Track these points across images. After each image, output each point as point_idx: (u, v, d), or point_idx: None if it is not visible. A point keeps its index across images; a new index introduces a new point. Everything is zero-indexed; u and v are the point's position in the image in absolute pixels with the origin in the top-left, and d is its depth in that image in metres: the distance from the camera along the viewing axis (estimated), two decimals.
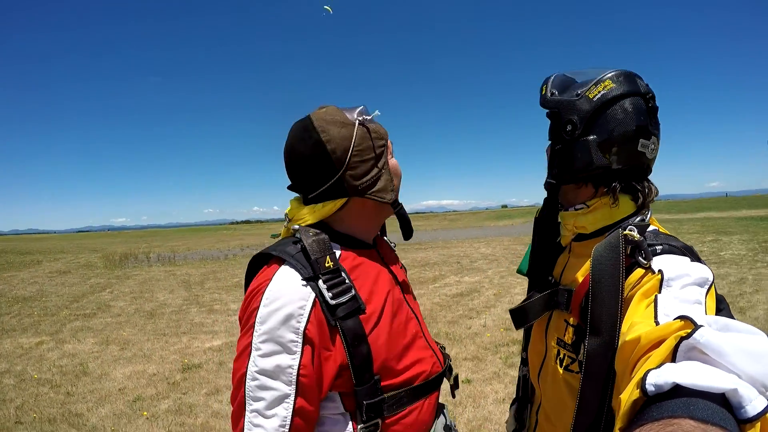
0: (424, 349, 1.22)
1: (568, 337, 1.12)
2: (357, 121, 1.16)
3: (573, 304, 1.11)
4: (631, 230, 1.03)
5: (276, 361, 0.97)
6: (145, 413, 4.67)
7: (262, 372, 0.97)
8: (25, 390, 5.46)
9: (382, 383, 1.09)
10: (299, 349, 0.98)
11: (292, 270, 1.05)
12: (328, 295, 1.03)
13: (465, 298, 9.46)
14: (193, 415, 4.62)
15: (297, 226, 1.14)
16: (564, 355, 1.14)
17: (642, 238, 1.02)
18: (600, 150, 1.10)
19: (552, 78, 1.20)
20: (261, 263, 1.15)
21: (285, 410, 0.97)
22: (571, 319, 1.13)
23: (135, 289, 13.17)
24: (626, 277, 0.99)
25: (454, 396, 1.42)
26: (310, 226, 1.16)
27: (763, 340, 0.58)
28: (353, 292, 1.07)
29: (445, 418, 1.27)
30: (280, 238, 1.23)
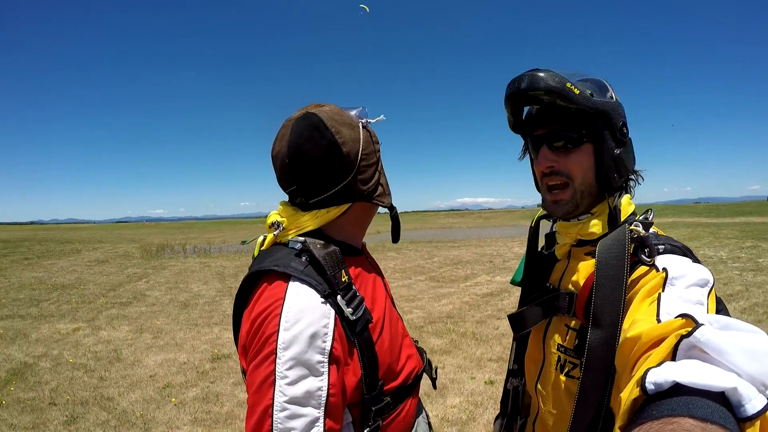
0: (410, 347, 1.23)
1: (570, 342, 1.11)
2: (361, 123, 1.15)
3: (578, 304, 1.09)
4: (636, 225, 1.03)
5: (305, 386, 0.92)
6: (174, 400, 4.81)
7: (292, 401, 0.91)
8: (61, 373, 5.68)
9: (385, 387, 1.09)
10: (326, 370, 0.94)
11: (305, 286, 1.00)
12: (348, 310, 1.00)
13: (495, 298, 9.39)
14: (219, 403, 4.73)
15: (301, 237, 1.09)
16: (565, 360, 1.12)
17: (647, 234, 1.01)
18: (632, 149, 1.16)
19: (565, 77, 1.06)
20: (256, 281, 1.08)
21: None
22: (573, 322, 1.12)
23: (170, 279, 13.53)
24: (630, 275, 0.98)
25: (435, 388, 1.45)
26: (308, 234, 1.11)
27: (764, 338, 0.58)
28: (364, 304, 1.06)
29: (424, 410, 1.30)
30: (256, 246, 1.19)
